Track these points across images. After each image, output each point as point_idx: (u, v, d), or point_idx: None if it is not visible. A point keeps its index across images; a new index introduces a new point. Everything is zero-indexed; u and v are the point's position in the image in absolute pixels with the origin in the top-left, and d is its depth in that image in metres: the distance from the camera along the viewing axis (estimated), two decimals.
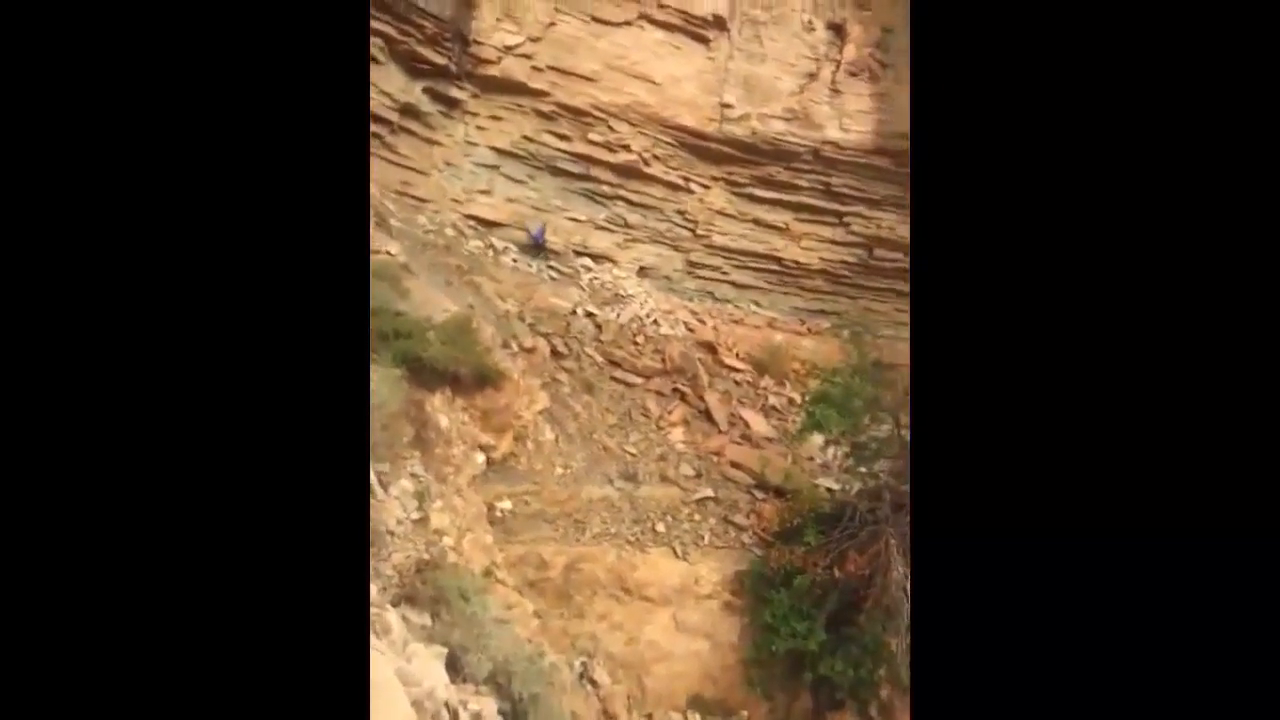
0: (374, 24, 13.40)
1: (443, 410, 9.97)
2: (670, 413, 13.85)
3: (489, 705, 5.75)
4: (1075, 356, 2.59)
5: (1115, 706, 2.41)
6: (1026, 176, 2.67)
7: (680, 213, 16.93)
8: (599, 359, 14.21)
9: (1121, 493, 2.50)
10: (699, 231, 17.09)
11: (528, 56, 15.28)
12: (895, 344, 16.78)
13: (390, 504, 7.46)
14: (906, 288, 17.60)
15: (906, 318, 17.66)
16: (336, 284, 2.76)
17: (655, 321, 15.76)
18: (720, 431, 13.86)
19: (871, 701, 10.75)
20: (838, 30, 16.83)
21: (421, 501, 8.08)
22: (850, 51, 16.72)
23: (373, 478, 7.31)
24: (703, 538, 11.75)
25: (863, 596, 10.26)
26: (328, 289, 2.74)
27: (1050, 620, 2.49)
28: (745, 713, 10.85)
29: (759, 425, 14.38)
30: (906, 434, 11.24)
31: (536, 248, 15.86)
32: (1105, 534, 2.49)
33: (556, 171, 16.12)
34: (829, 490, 12.53)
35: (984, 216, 2.70)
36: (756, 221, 17.20)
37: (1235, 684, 2.33)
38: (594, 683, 9.45)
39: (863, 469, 11.50)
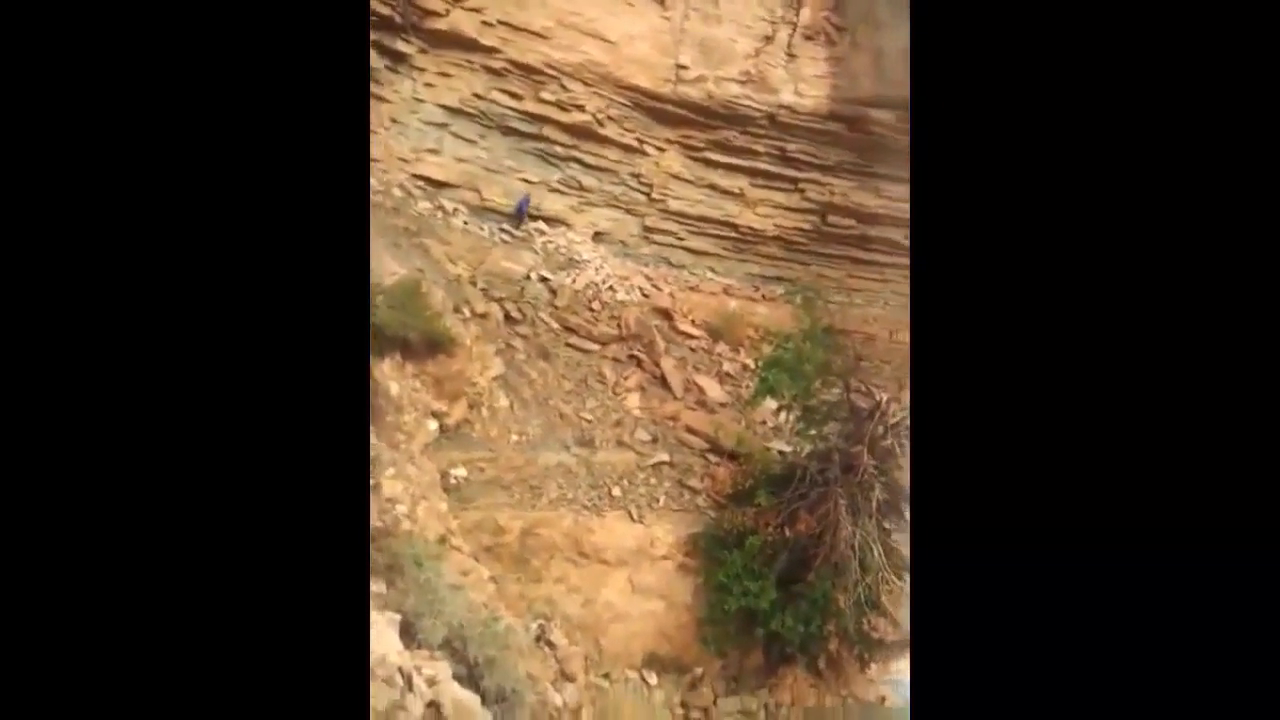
0: None
1: (393, 376, 9.75)
2: (626, 379, 13.86)
3: (443, 669, 5.74)
4: (1073, 346, 2.60)
5: (1114, 705, 2.45)
6: (1025, 159, 2.65)
7: (635, 176, 16.71)
8: (554, 325, 14.07)
9: (1120, 488, 2.52)
10: (654, 196, 16.91)
11: (477, 10, 14.70)
12: (846, 310, 17.07)
13: None
14: (859, 254, 17.87)
15: (858, 284, 17.98)
16: (333, 279, 2.79)
17: (611, 287, 15.64)
18: (675, 397, 13.95)
19: (820, 655, 11.18)
20: None
21: (373, 469, 7.94)
22: (806, 15, 16.56)
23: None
24: (658, 501, 11.89)
25: (812, 555, 10.57)
26: (325, 282, 2.77)
27: (1049, 618, 2.53)
28: (700, 669, 11.14)
29: (713, 391, 14.52)
30: (855, 397, 11.51)
31: (519, 218, 15.57)
32: (1103, 531, 2.52)
33: (508, 131, 15.69)
34: (780, 453, 12.79)
35: (983, 199, 2.68)
36: (712, 187, 17.10)
37: (1230, 677, 2.39)
38: (551, 644, 9.53)
39: (813, 432, 11.76)
